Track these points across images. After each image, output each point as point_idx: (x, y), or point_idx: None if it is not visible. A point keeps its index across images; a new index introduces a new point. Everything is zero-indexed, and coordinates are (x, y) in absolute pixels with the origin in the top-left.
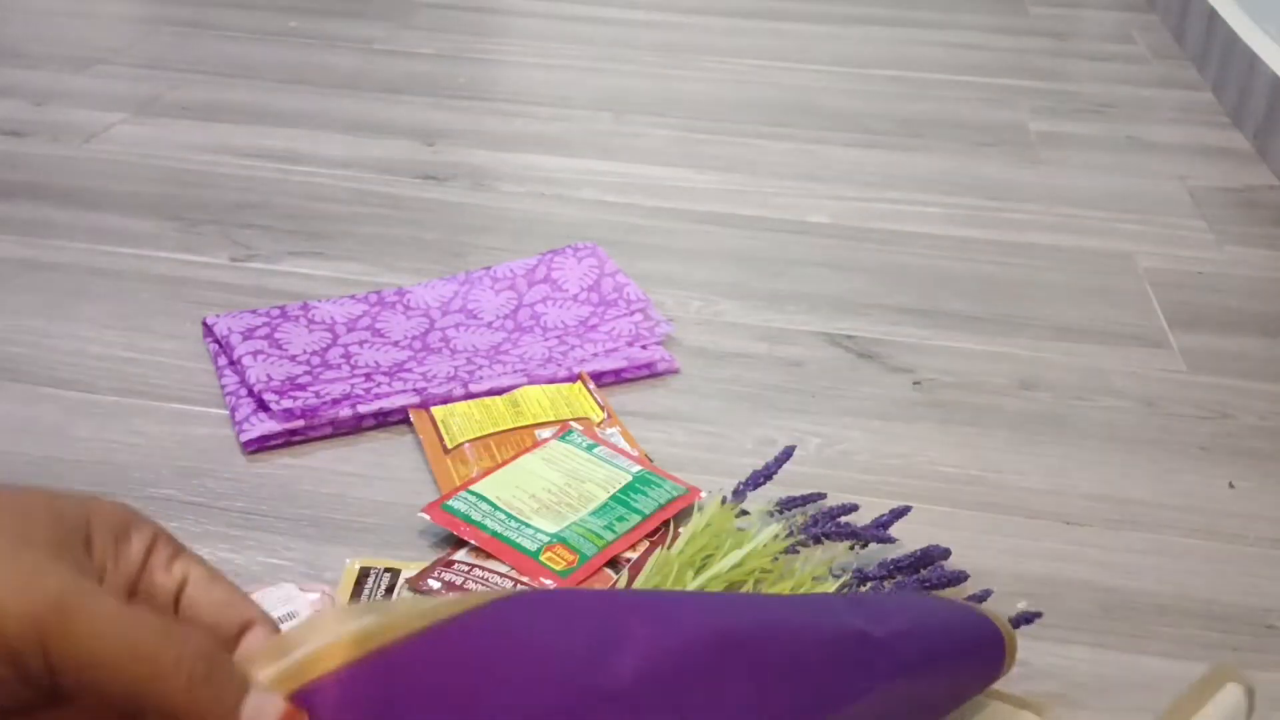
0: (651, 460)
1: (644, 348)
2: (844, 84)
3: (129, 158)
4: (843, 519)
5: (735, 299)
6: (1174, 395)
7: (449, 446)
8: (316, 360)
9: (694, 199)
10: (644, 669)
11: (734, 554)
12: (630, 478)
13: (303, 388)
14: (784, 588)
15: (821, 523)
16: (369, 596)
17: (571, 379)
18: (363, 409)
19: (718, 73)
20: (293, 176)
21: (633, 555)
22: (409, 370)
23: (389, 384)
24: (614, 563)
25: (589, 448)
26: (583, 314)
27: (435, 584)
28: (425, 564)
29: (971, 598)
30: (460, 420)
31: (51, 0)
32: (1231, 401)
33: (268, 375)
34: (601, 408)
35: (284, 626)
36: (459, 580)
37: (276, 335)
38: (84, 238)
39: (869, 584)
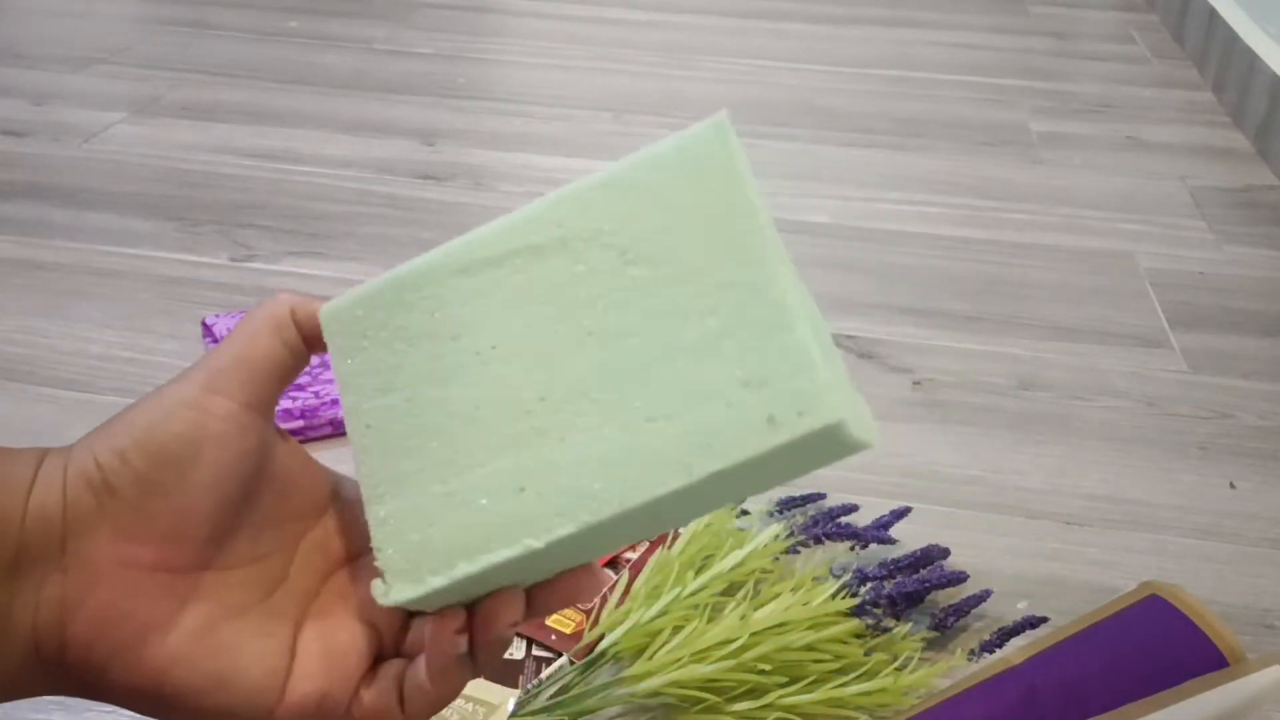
0: None
1: None
2: (844, 84)
3: (129, 158)
4: (843, 519)
5: None
6: (1174, 395)
7: None
8: (315, 360)
9: None
10: None
11: (734, 554)
12: None
13: (302, 388)
14: (784, 588)
15: (822, 523)
16: None
17: None
18: None
19: (718, 73)
20: (293, 176)
21: (633, 555)
22: None
23: None
24: (614, 563)
25: None
26: None
27: None
28: None
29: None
30: None
31: (51, 0)
32: (1232, 401)
33: None
34: None
35: None
36: None
37: None
38: (84, 238)
39: (869, 584)
